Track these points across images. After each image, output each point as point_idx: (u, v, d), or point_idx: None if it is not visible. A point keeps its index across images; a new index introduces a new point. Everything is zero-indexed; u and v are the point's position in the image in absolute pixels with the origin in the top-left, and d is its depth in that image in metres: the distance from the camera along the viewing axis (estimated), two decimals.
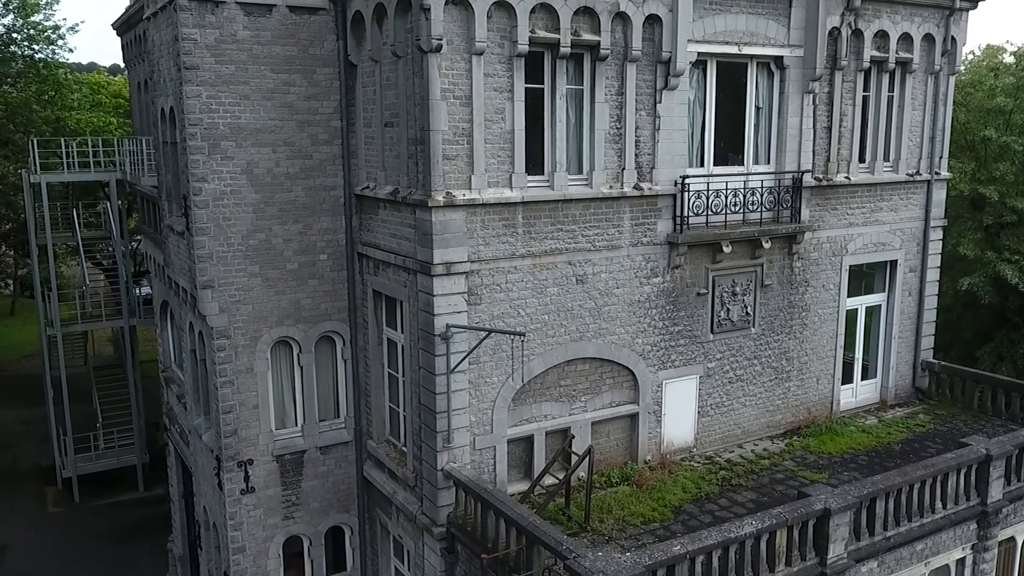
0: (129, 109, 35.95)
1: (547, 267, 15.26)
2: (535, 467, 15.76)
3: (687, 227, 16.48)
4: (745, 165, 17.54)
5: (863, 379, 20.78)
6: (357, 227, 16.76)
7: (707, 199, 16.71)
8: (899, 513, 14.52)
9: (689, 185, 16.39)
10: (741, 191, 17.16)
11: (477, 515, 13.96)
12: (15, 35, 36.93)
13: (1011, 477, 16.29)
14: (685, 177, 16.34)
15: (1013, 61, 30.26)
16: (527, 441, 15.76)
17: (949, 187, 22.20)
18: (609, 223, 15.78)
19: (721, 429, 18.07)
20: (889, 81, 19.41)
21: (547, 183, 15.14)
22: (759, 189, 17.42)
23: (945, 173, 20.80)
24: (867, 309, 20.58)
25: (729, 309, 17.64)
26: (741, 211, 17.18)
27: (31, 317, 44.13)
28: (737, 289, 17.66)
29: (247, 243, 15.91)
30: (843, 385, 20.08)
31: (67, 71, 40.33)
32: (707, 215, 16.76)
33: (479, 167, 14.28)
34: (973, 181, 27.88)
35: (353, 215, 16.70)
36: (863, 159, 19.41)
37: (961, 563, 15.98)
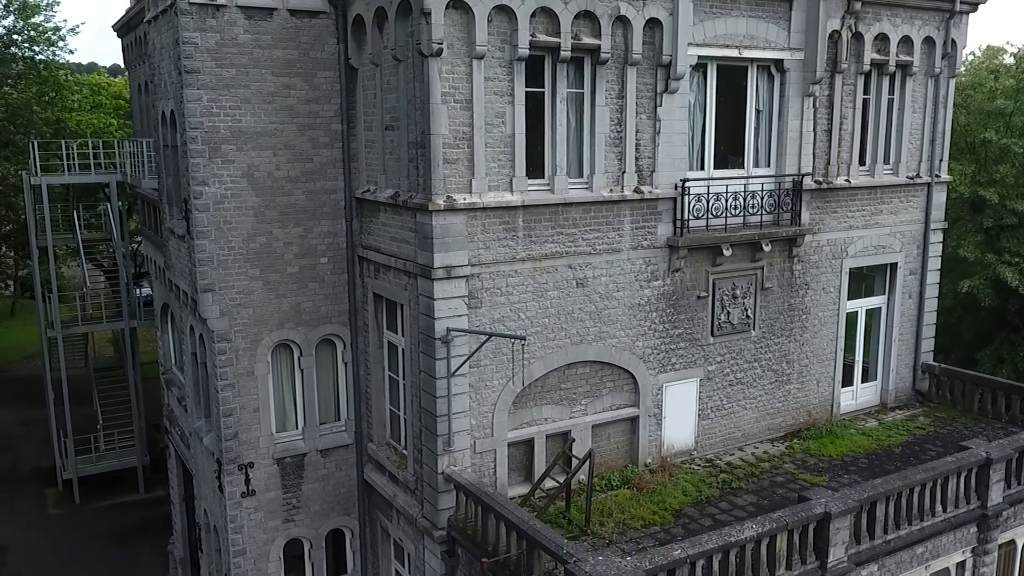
0: (130, 110, 35.98)
1: (547, 270, 15.27)
2: (535, 470, 15.77)
3: (687, 230, 16.49)
4: (745, 168, 17.54)
5: (863, 382, 20.79)
6: (358, 230, 16.78)
7: (707, 202, 16.72)
8: (899, 516, 14.53)
9: (689, 188, 16.40)
10: (741, 194, 17.17)
11: (478, 518, 13.97)
12: (15, 36, 36.94)
13: (1011, 480, 16.29)
14: (685, 180, 16.35)
15: (1013, 62, 30.25)
16: (527, 444, 15.77)
17: (949, 189, 22.21)
18: (609, 226, 15.79)
19: (721, 432, 18.08)
20: (889, 84, 19.42)
21: (547, 187, 15.15)
22: (759, 192, 17.43)
23: (945, 176, 20.81)
24: (867, 312, 20.58)
25: (729, 312, 17.65)
26: (741, 214, 17.19)
27: (31, 318, 44.15)
28: (737, 292, 17.68)
29: (248, 246, 15.92)
30: (843, 388, 20.09)
31: (68, 72, 40.34)
32: (707, 218, 16.78)
33: (480, 171, 14.29)
34: (973, 183, 27.86)
35: (353, 218, 16.72)
36: (863, 162, 19.42)
37: (961, 566, 15.99)
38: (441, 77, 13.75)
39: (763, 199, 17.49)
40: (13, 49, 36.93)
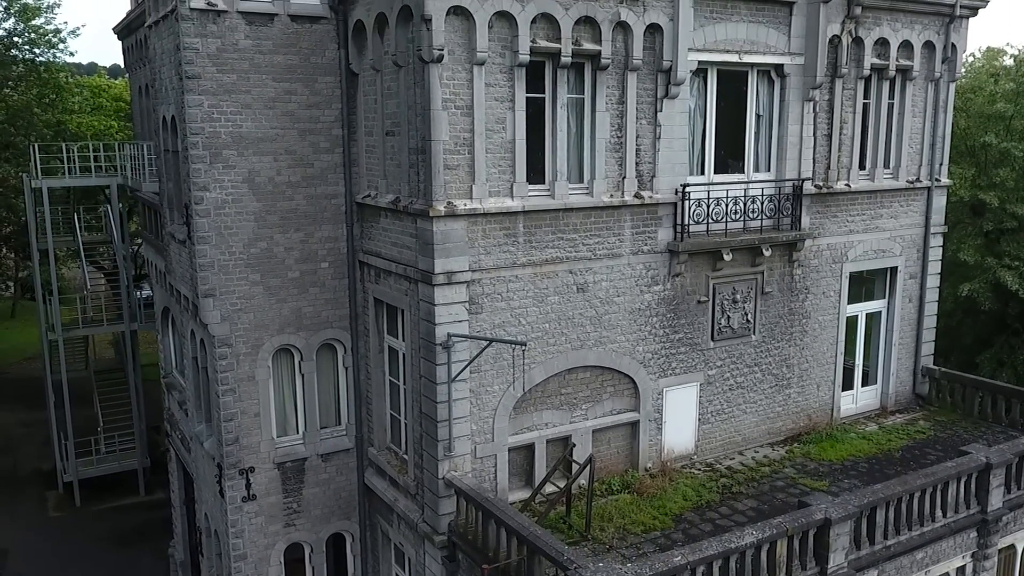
0: (130, 113, 36.00)
1: (548, 276, 15.28)
2: (536, 475, 15.79)
3: (688, 235, 16.51)
4: (746, 173, 17.57)
5: (863, 385, 20.79)
6: (358, 235, 16.80)
7: (708, 207, 16.74)
8: (899, 522, 14.54)
9: (690, 193, 16.42)
10: (741, 199, 17.19)
11: (478, 524, 13.98)
12: (16, 39, 36.95)
13: (1011, 485, 16.30)
14: (686, 185, 16.37)
15: (1013, 64, 30.26)
16: (528, 449, 15.78)
17: (949, 193, 22.22)
18: (610, 232, 15.81)
19: (722, 436, 18.09)
20: (889, 88, 19.44)
21: (548, 192, 15.17)
22: (759, 197, 17.45)
23: (945, 180, 20.82)
24: (867, 315, 20.58)
25: (730, 316, 17.67)
26: (742, 219, 17.21)
27: (32, 319, 44.15)
28: (738, 296, 17.69)
29: (248, 251, 15.94)
30: (843, 391, 20.11)
31: (68, 74, 40.35)
32: (708, 223, 16.80)
33: (480, 176, 14.31)
34: (973, 187, 27.88)
35: (354, 223, 16.74)
36: (863, 166, 19.44)
37: (961, 571, 16.00)
38: (442, 83, 13.77)
39: (763, 204, 17.51)
40: (14, 51, 36.94)
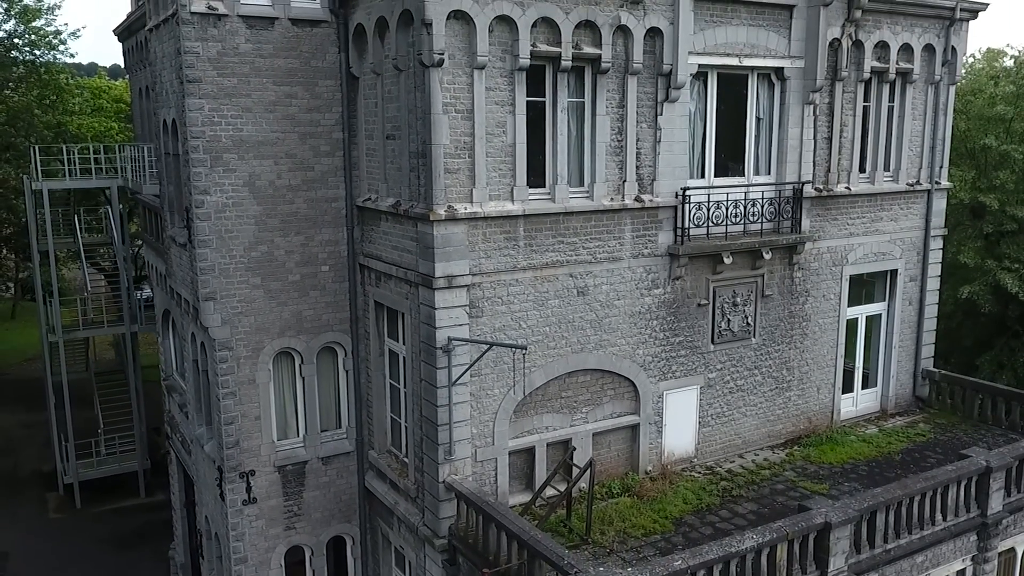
0: (131, 114, 36.01)
1: (548, 279, 15.29)
2: (536, 478, 15.80)
3: (688, 239, 16.52)
4: (746, 176, 17.58)
5: (863, 388, 20.80)
6: (359, 239, 16.81)
7: (708, 210, 16.75)
8: (899, 525, 14.56)
9: (690, 197, 16.43)
10: (742, 202, 17.20)
11: (479, 528, 13.99)
12: (16, 40, 36.97)
13: (1011, 488, 16.32)
14: (686, 189, 16.38)
15: (1013, 66, 30.26)
16: (528, 453, 15.79)
17: (949, 195, 22.24)
18: (610, 235, 15.82)
19: (722, 439, 18.10)
20: (889, 91, 19.46)
21: (548, 196, 15.18)
22: (760, 200, 17.46)
23: (945, 183, 20.83)
24: (867, 318, 20.59)
25: (730, 319, 17.68)
26: (742, 222, 17.23)
27: (32, 320, 44.15)
28: (738, 300, 17.70)
29: (249, 255, 15.95)
30: (843, 394, 20.11)
31: (68, 76, 40.36)
32: (708, 226, 16.81)
33: (481, 180, 14.32)
34: (973, 189, 27.90)
35: (355, 227, 16.75)
36: (863, 169, 19.45)
37: (961, 574, 16.02)
38: (442, 87, 13.78)
39: (763, 207, 17.52)
40: (14, 53, 36.95)
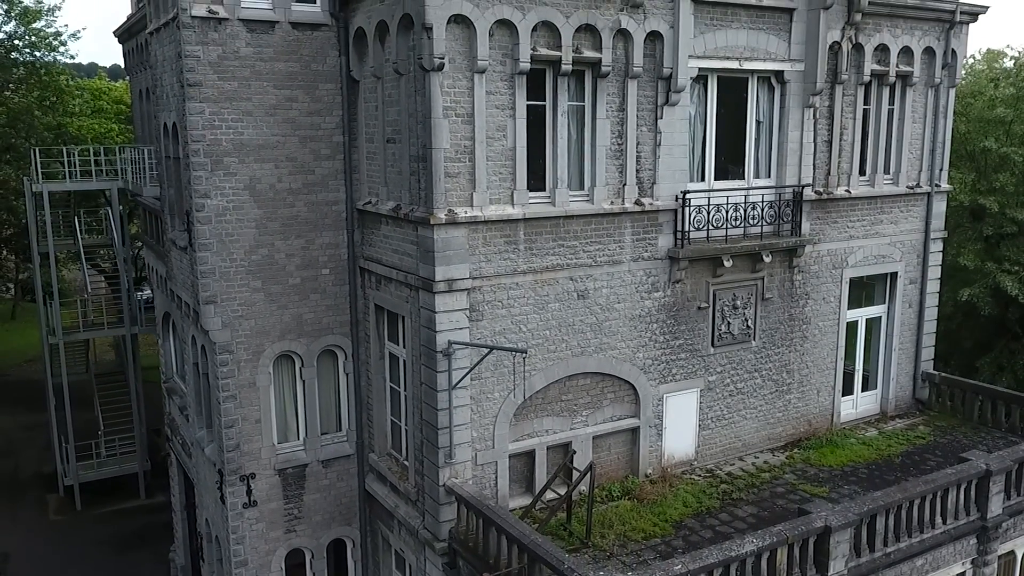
0: (131, 115, 36.01)
1: (548, 283, 15.31)
2: (537, 482, 15.81)
3: (688, 242, 16.53)
4: (746, 179, 17.58)
5: (863, 390, 20.82)
6: (359, 242, 16.82)
7: (708, 214, 16.76)
8: (899, 529, 14.56)
9: (690, 200, 16.44)
10: (742, 205, 17.20)
11: (479, 531, 14.01)
12: (16, 42, 36.99)
13: (1011, 491, 16.31)
14: (686, 192, 16.39)
15: (1013, 67, 30.26)
16: (528, 456, 15.81)
17: (949, 198, 22.24)
18: (610, 238, 15.83)
19: (722, 442, 18.11)
20: (889, 94, 19.46)
21: (549, 199, 15.19)
22: (760, 203, 17.47)
23: (945, 185, 20.84)
24: (867, 321, 20.60)
25: (730, 322, 17.69)
26: (742, 225, 17.23)
27: (32, 321, 44.15)
28: (738, 303, 17.71)
29: (250, 258, 15.96)
30: (843, 397, 20.12)
31: (69, 77, 40.38)
32: (708, 229, 16.81)
33: (481, 184, 14.33)
34: (973, 192, 27.91)
35: (355, 230, 16.76)
36: (863, 172, 19.46)
37: None
38: (443, 91, 13.79)
39: (763, 210, 17.53)
40: (14, 54, 36.97)
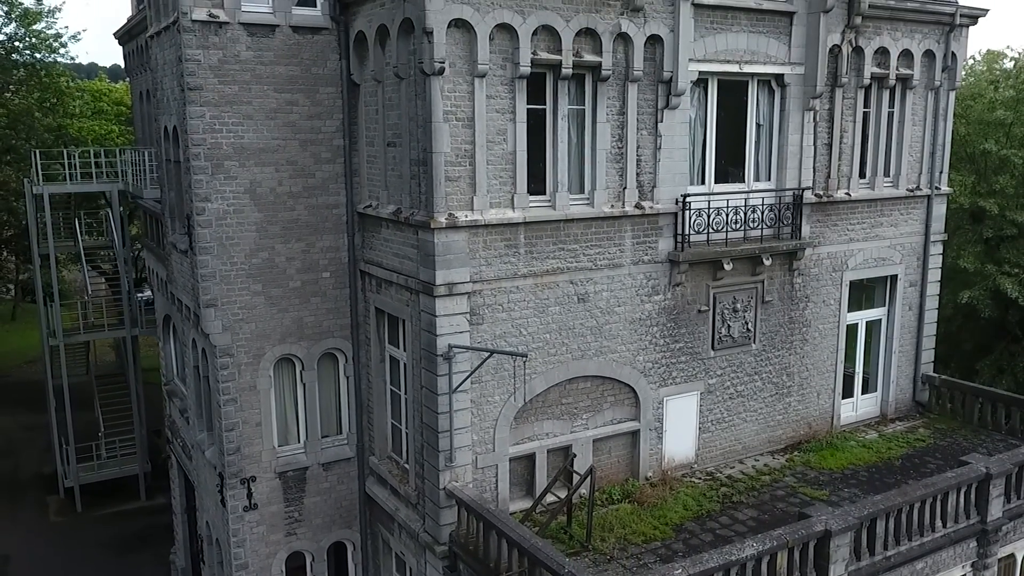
0: (131, 117, 36.02)
1: (549, 286, 15.32)
2: (537, 485, 15.83)
3: (688, 245, 16.54)
4: (746, 182, 17.60)
5: (863, 393, 20.83)
6: (359, 245, 16.83)
7: (708, 217, 16.77)
8: (899, 532, 14.55)
9: (690, 203, 16.45)
10: (742, 208, 17.22)
11: (479, 535, 14.01)
12: (17, 43, 37.01)
13: (1011, 495, 16.31)
14: (686, 195, 16.40)
15: (1012, 68, 30.24)
16: (529, 459, 15.82)
17: (949, 200, 22.25)
18: (610, 242, 15.85)
19: (722, 445, 18.12)
20: (889, 97, 19.47)
21: (549, 203, 15.20)
22: (760, 206, 17.49)
23: (945, 188, 20.86)
24: (867, 323, 20.62)
25: (730, 325, 17.70)
26: (742, 228, 17.24)
27: (32, 322, 44.14)
28: (738, 306, 17.73)
29: (250, 262, 15.98)
30: (843, 399, 20.14)
31: (69, 79, 40.39)
32: (708, 233, 16.83)
33: (481, 188, 14.34)
34: (973, 194, 27.90)
35: (355, 233, 16.77)
36: (863, 175, 19.46)
37: None
38: (443, 95, 13.80)
39: (764, 213, 17.55)
40: (15, 56, 36.98)
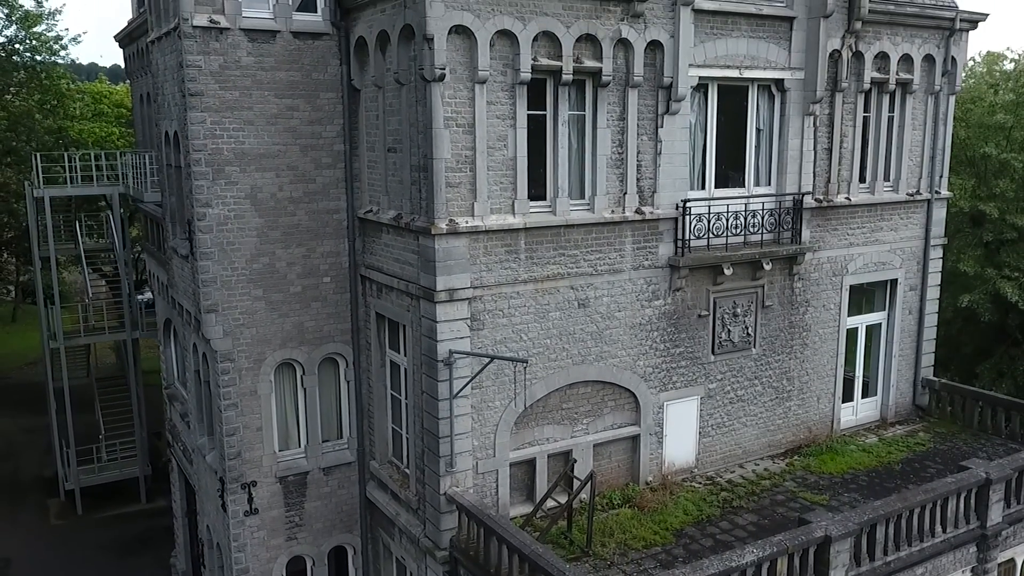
0: (131, 119, 36.05)
1: (549, 292, 15.34)
2: (537, 490, 15.84)
3: (688, 250, 16.56)
4: (746, 187, 17.63)
5: (863, 397, 20.83)
6: (360, 250, 16.85)
7: (708, 222, 16.80)
8: (899, 538, 14.58)
9: (690, 208, 16.47)
10: (742, 213, 17.25)
11: (480, 540, 14.04)
12: (17, 46, 37.03)
13: (1011, 500, 16.33)
14: (686, 200, 16.42)
15: (1013, 69, 30.24)
16: (529, 464, 15.83)
17: (949, 204, 22.27)
18: (611, 247, 15.86)
19: (722, 449, 18.14)
20: (889, 102, 19.49)
21: (549, 208, 15.22)
22: (760, 211, 17.51)
23: (945, 192, 20.87)
24: (867, 327, 20.62)
25: (730, 330, 17.72)
26: (742, 233, 17.27)
27: (33, 323, 44.13)
28: (738, 310, 17.74)
29: (251, 267, 15.99)
30: (843, 403, 20.14)
31: (69, 81, 40.40)
32: (708, 238, 16.86)
33: (482, 194, 14.36)
34: (973, 198, 27.90)
35: (356, 238, 16.79)
36: (863, 179, 19.48)
37: None
38: (444, 101, 13.82)
39: (764, 218, 17.56)
40: (15, 58, 36.99)
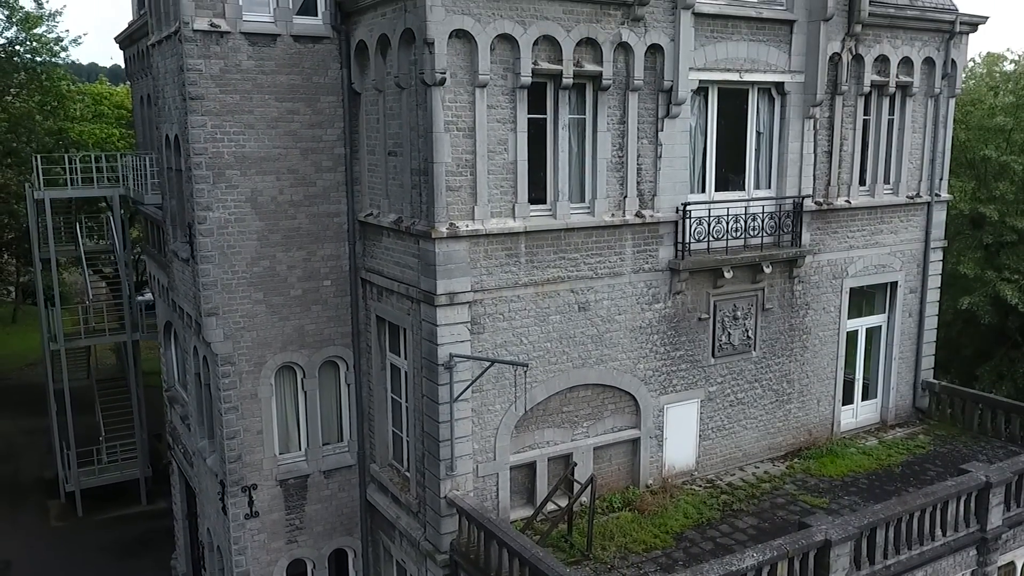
0: (132, 120, 36.04)
1: (549, 295, 15.35)
2: (538, 493, 15.85)
3: (688, 253, 16.57)
4: (746, 190, 17.63)
5: (864, 399, 20.84)
6: (360, 253, 16.86)
7: (708, 225, 16.80)
8: (899, 542, 14.58)
9: (691, 212, 16.48)
10: (742, 216, 17.25)
11: (480, 544, 14.05)
12: (18, 47, 37.04)
13: (1010, 503, 16.34)
14: (687, 204, 16.43)
15: (1013, 70, 30.26)
16: (529, 467, 15.85)
17: (949, 206, 22.29)
18: (611, 251, 15.87)
19: (722, 452, 18.15)
20: (889, 105, 19.50)
21: (550, 212, 15.23)
22: (760, 214, 17.52)
23: (945, 195, 20.87)
24: (867, 330, 20.63)
25: (730, 333, 17.73)
26: (742, 236, 17.28)
27: (33, 324, 44.15)
28: (738, 313, 17.76)
29: (251, 270, 16.00)
30: (844, 406, 20.15)
31: (70, 82, 40.40)
32: (708, 241, 16.86)
33: (482, 198, 14.37)
34: (973, 200, 27.93)
35: (356, 241, 16.80)
36: (863, 182, 19.50)
37: None
38: (444, 105, 13.83)
39: (764, 221, 17.58)
40: (16, 59, 37.00)
